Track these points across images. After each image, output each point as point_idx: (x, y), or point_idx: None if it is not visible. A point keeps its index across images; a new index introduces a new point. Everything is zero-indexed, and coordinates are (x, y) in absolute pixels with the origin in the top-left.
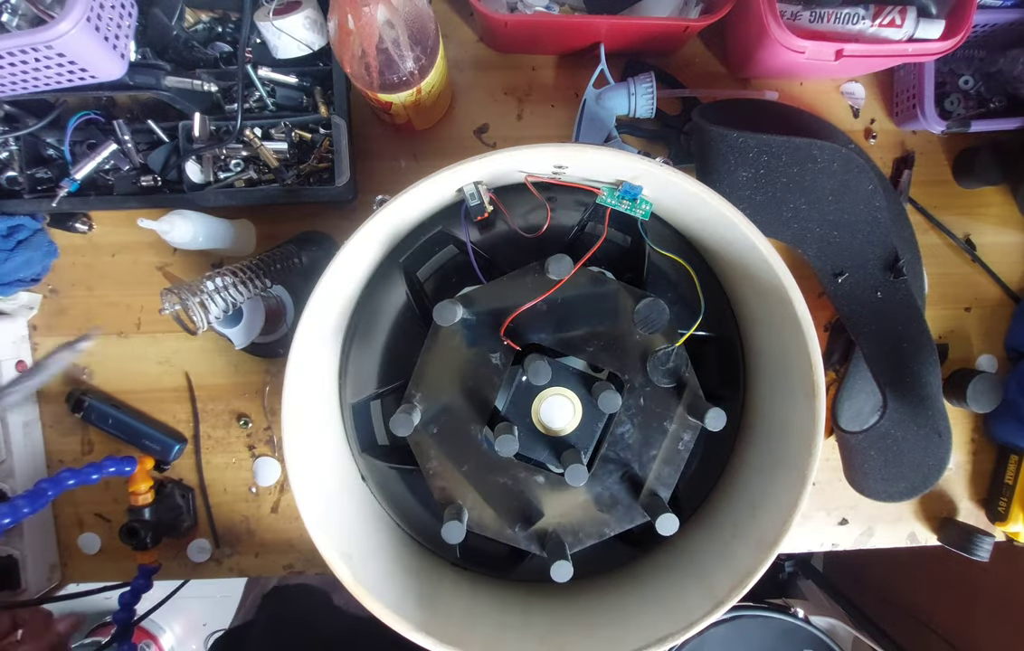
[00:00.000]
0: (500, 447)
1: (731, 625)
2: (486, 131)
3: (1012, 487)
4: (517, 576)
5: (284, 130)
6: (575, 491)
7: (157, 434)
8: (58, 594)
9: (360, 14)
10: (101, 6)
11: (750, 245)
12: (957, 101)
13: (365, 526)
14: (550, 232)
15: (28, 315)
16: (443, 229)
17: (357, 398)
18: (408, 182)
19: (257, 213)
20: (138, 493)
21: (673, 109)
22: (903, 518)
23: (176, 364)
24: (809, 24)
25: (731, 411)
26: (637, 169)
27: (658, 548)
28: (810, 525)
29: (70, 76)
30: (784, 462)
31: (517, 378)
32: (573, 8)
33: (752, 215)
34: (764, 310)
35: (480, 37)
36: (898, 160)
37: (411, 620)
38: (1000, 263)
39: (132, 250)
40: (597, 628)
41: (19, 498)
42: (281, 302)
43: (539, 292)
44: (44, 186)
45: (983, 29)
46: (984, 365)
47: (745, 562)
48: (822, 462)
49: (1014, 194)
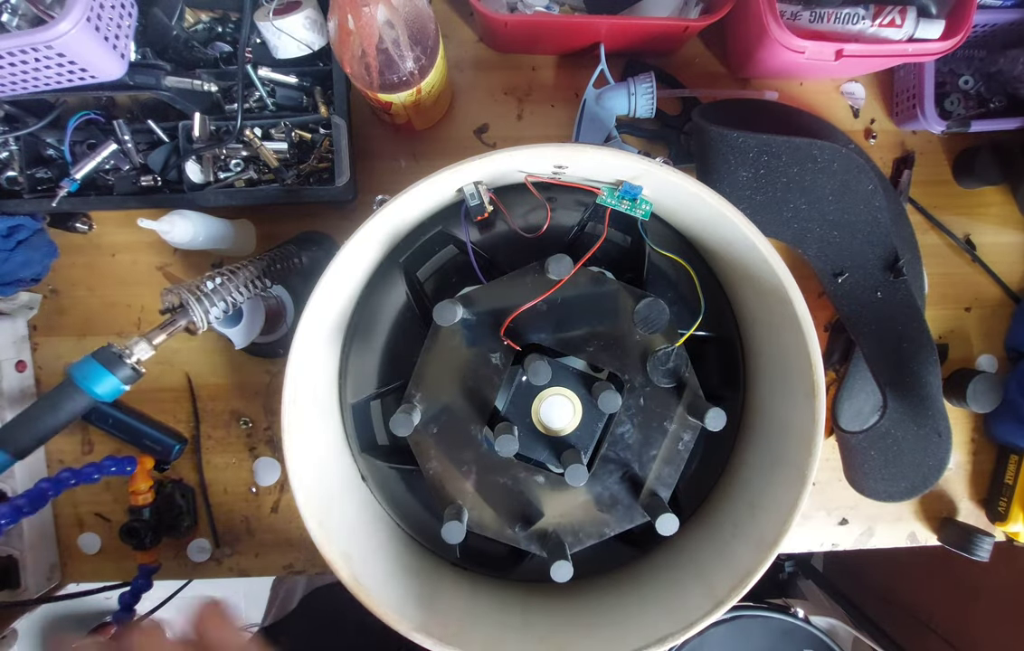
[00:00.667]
0: (500, 447)
1: (731, 625)
2: (486, 131)
3: (1012, 487)
4: (517, 576)
5: (284, 130)
6: (575, 491)
7: (157, 434)
8: (58, 594)
9: (360, 14)
10: (101, 6)
11: (750, 245)
12: (957, 101)
13: (365, 526)
14: (550, 232)
15: (28, 315)
16: (443, 229)
17: (357, 398)
18: (408, 182)
19: (257, 213)
20: (138, 493)
21: (673, 109)
22: (903, 518)
23: (176, 364)
24: (809, 24)
25: (731, 411)
26: (637, 169)
27: (658, 548)
28: (810, 525)
29: (70, 76)
30: (784, 462)
31: (517, 378)
32: (573, 8)
33: (752, 215)
34: (764, 310)
35: (480, 37)
36: (898, 160)
37: (411, 620)
38: (1000, 263)
39: (132, 250)
40: (597, 628)
41: (19, 498)
42: (281, 302)
43: (539, 292)
44: (44, 186)
45: (983, 29)
46: (984, 365)
47: (745, 562)
48: (822, 462)
49: (1014, 194)
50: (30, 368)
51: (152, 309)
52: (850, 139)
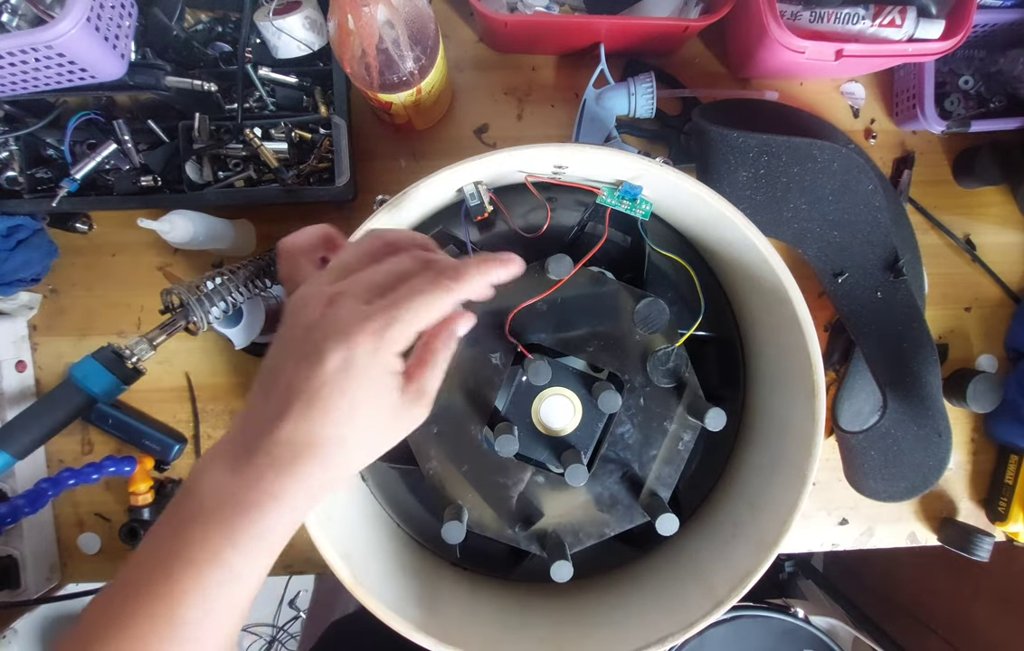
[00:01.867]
0: (500, 447)
1: (731, 625)
2: (486, 131)
3: (1012, 487)
4: (517, 576)
5: (284, 130)
6: (575, 491)
7: (157, 434)
8: (58, 594)
9: (360, 14)
10: (101, 6)
11: (750, 245)
12: (957, 101)
13: (365, 526)
14: (550, 232)
15: (28, 315)
16: (443, 229)
17: None
18: (408, 182)
19: (257, 213)
20: (138, 493)
21: (673, 109)
22: (903, 518)
23: (176, 364)
24: (809, 24)
25: (731, 411)
26: (637, 169)
27: (658, 548)
28: (810, 525)
29: (70, 76)
30: (784, 462)
31: (517, 378)
32: (573, 8)
33: (752, 215)
34: (764, 310)
35: (480, 37)
36: (898, 160)
37: (411, 620)
38: (1000, 263)
39: (132, 250)
40: (597, 628)
41: (19, 498)
42: (281, 302)
43: (539, 292)
44: (44, 186)
45: (983, 29)
46: (984, 365)
47: (745, 562)
48: (822, 462)
49: (1014, 194)
50: (30, 368)
51: (152, 309)
52: (850, 139)
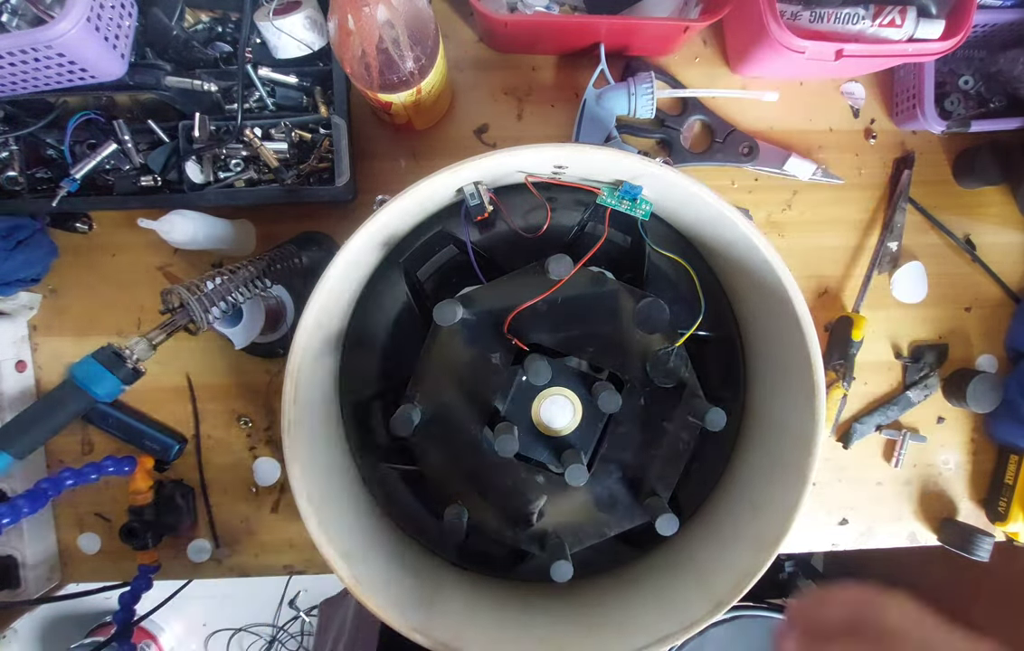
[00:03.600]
0: (500, 447)
1: (731, 625)
2: (486, 131)
3: (1012, 487)
4: (517, 576)
5: (284, 130)
6: (575, 491)
7: (157, 434)
8: (58, 594)
9: (360, 14)
10: (101, 6)
11: (750, 245)
12: (957, 101)
13: (365, 526)
14: (550, 232)
15: (28, 315)
16: (443, 229)
17: (357, 398)
18: (408, 182)
19: (257, 213)
20: (138, 493)
21: (673, 109)
22: (903, 518)
23: (176, 364)
24: (809, 24)
25: (731, 411)
26: (637, 169)
27: (658, 548)
28: (810, 525)
29: (70, 76)
30: (784, 462)
31: (517, 378)
32: (573, 8)
33: None
34: (764, 310)
35: (480, 37)
36: (898, 160)
37: (411, 620)
38: (1000, 263)
39: (132, 250)
40: (597, 628)
41: (19, 498)
42: (281, 302)
43: (539, 292)
44: (44, 186)
45: (983, 29)
46: (984, 365)
47: (745, 562)
48: (822, 462)
49: (1014, 194)
50: (30, 368)
51: (152, 309)
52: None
